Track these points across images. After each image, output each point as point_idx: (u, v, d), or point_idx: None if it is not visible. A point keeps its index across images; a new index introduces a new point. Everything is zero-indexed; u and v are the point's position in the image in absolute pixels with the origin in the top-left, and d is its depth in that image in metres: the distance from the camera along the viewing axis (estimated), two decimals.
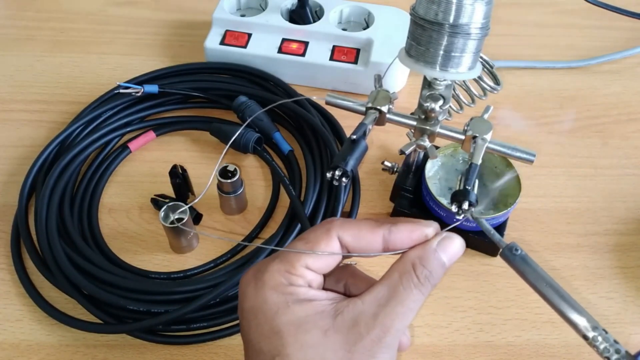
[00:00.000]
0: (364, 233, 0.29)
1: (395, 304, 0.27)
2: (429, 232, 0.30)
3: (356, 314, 0.27)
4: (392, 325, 0.27)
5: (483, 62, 0.47)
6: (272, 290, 0.28)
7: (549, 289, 0.30)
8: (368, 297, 0.28)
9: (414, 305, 0.28)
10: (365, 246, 0.29)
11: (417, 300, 0.28)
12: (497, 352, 0.43)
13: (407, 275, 0.28)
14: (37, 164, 0.51)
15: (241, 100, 0.55)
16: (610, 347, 0.28)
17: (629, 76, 0.65)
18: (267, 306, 0.27)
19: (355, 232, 0.29)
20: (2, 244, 0.48)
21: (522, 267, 0.31)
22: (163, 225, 0.44)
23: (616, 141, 0.58)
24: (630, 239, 0.50)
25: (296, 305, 0.27)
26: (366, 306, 0.27)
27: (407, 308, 0.27)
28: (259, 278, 0.28)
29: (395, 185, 0.50)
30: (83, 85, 0.61)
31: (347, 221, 0.30)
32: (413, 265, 0.28)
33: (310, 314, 0.27)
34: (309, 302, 0.27)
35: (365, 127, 0.38)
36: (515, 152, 0.39)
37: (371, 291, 0.28)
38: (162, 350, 0.42)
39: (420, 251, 0.29)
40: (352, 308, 0.27)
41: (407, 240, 0.29)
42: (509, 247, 0.31)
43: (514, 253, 0.31)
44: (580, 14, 0.72)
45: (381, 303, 0.27)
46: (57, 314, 0.43)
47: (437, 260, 0.29)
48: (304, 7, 0.62)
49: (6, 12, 0.70)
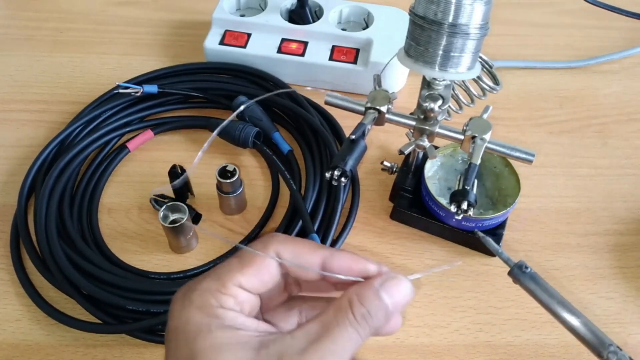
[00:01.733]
0: (304, 251, 0.28)
1: (327, 340, 0.25)
2: (371, 269, 0.28)
3: (283, 348, 0.25)
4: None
5: (482, 62, 0.47)
6: (197, 311, 0.26)
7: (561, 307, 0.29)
8: (298, 332, 0.26)
9: (348, 346, 0.25)
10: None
11: (352, 339, 0.26)
12: (497, 352, 0.43)
13: (342, 313, 0.26)
14: (37, 164, 0.51)
15: (241, 100, 0.55)
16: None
17: (628, 76, 0.65)
18: (189, 327, 0.26)
19: (296, 248, 0.28)
20: (2, 244, 0.48)
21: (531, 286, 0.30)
22: (162, 225, 0.44)
23: (616, 141, 0.58)
24: (630, 239, 0.50)
25: (219, 331, 0.25)
26: (295, 341, 0.25)
27: (340, 347, 0.25)
28: (187, 297, 0.27)
29: (395, 185, 0.50)
30: (83, 85, 0.61)
31: (288, 238, 0.29)
32: (350, 302, 0.26)
33: (231, 343, 0.25)
34: (235, 330, 0.26)
35: (364, 127, 0.38)
36: (515, 152, 0.39)
37: (303, 326, 0.26)
38: (161, 350, 0.42)
39: (360, 289, 0.27)
40: (280, 342, 0.25)
41: (346, 269, 0.28)
42: (518, 265, 0.30)
43: (524, 271, 0.30)
44: (580, 14, 0.72)
45: (311, 339, 0.25)
46: (56, 314, 0.43)
47: (378, 301, 0.27)
48: (304, 7, 0.62)
49: (6, 12, 0.70)
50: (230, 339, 0.25)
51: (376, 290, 0.27)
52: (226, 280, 0.27)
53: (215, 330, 0.25)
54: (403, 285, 0.27)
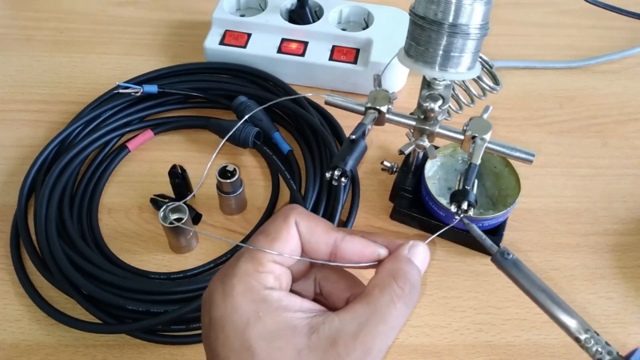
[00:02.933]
0: (319, 230, 0.28)
1: (377, 321, 0.25)
2: (381, 253, 0.29)
3: (333, 332, 0.25)
4: (373, 345, 0.25)
5: (482, 62, 0.47)
6: (242, 297, 0.26)
7: (541, 293, 0.30)
8: (347, 315, 0.26)
9: (397, 322, 0.26)
10: (315, 243, 0.28)
11: (400, 315, 0.26)
12: (497, 352, 0.43)
13: (388, 289, 0.26)
14: (37, 164, 0.51)
15: (241, 100, 0.55)
16: (602, 349, 0.28)
17: (629, 76, 0.65)
18: (236, 316, 0.25)
19: (312, 225, 0.28)
20: (2, 244, 0.48)
21: (513, 271, 0.30)
22: (162, 225, 0.44)
23: (616, 141, 0.58)
24: (630, 239, 0.50)
25: (267, 317, 0.25)
26: (345, 324, 0.25)
27: (389, 326, 0.26)
28: (227, 283, 0.26)
29: (395, 185, 0.50)
30: (83, 85, 0.61)
31: (305, 212, 0.29)
32: (394, 278, 0.27)
33: (282, 328, 0.25)
34: (282, 312, 0.26)
35: (364, 127, 0.38)
36: (515, 152, 0.39)
37: (349, 309, 0.26)
38: (161, 350, 0.42)
39: (395, 263, 0.28)
40: (329, 326, 0.25)
41: (358, 253, 0.28)
42: (501, 251, 0.31)
43: (506, 257, 0.31)
44: (580, 14, 0.72)
45: (362, 321, 0.25)
46: (56, 314, 0.43)
47: (414, 269, 0.28)
48: (304, 7, 0.62)
49: (6, 12, 0.70)
50: (280, 323, 0.25)
51: (410, 260, 0.28)
52: (261, 258, 0.27)
53: (264, 316, 0.25)
54: (421, 247, 0.29)
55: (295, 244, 0.28)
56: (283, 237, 0.28)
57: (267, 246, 0.27)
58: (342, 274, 0.31)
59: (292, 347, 0.25)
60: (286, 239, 0.28)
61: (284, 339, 0.25)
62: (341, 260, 0.29)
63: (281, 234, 0.28)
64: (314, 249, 0.29)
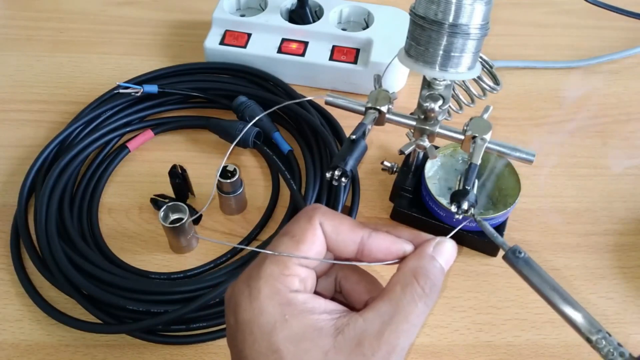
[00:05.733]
0: (344, 228, 0.28)
1: (400, 320, 0.26)
2: (407, 249, 0.29)
3: (358, 332, 0.25)
4: (397, 343, 0.25)
5: (482, 62, 0.47)
6: (269, 300, 0.26)
7: (553, 292, 0.30)
8: (370, 314, 0.26)
9: (418, 320, 0.26)
10: (342, 242, 0.28)
11: (421, 313, 0.26)
12: (497, 352, 0.43)
13: (410, 288, 0.27)
14: (37, 164, 0.51)
15: (241, 100, 0.55)
16: (614, 350, 0.28)
17: (629, 76, 0.65)
18: (263, 319, 0.26)
19: (337, 224, 0.28)
20: (2, 244, 0.48)
21: (525, 270, 0.30)
22: (163, 226, 0.44)
23: (616, 141, 0.58)
24: (630, 239, 0.50)
25: (294, 320, 0.26)
26: (368, 324, 0.26)
27: (411, 324, 0.26)
28: (254, 286, 0.26)
29: (395, 185, 0.50)
30: (83, 85, 0.61)
31: (330, 211, 0.29)
32: (415, 276, 0.27)
33: (308, 331, 0.25)
34: (308, 314, 0.26)
35: (364, 127, 0.38)
36: (515, 152, 0.39)
37: (372, 307, 0.26)
38: (162, 350, 0.42)
39: (418, 260, 0.28)
40: (354, 326, 0.26)
41: (384, 251, 0.28)
42: (512, 249, 0.31)
43: (517, 256, 0.31)
44: (580, 14, 0.72)
45: (385, 320, 0.26)
46: (56, 314, 0.43)
47: (437, 268, 0.28)
48: (304, 7, 0.62)
49: (6, 12, 0.70)
50: (306, 326, 0.25)
51: (432, 257, 0.28)
52: (287, 261, 0.27)
53: (290, 319, 0.25)
54: (448, 245, 0.29)
55: (320, 244, 0.28)
56: (309, 239, 0.28)
57: (293, 248, 0.27)
58: (362, 275, 0.31)
59: (318, 348, 0.25)
60: (312, 240, 0.28)
61: (311, 341, 0.25)
62: (367, 258, 0.29)
63: (306, 236, 0.28)
64: (340, 248, 0.29)
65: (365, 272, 0.31)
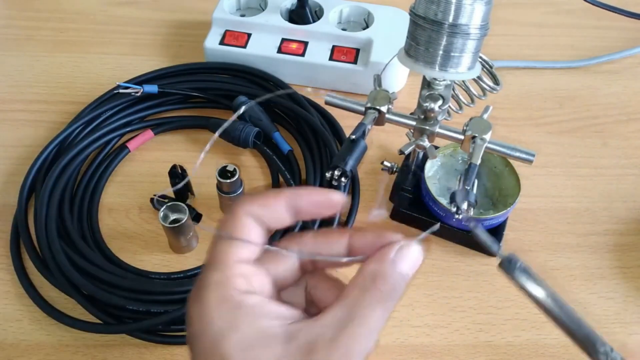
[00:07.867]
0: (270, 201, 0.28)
1: (357, 324, 0.24)
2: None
3: (312, 338, 0.24)
4: (353, 349, 0.24)
5: (482, 62, 0.47)
6: (217, 309, 0.25)
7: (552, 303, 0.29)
8: (325, 319, 0.25)
9: (376, 325, 0.25)
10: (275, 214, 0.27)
11: (380, 317, 0.25)
12: (497, 352, 0.43)
13: (367, 292, 0.25)
14: (37, 164, 0.51)
15: (241, 100, 0.55)
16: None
17: (629, 76, 0.65)
18: (212, 329, 0.25)
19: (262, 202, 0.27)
20: (2, 244, 0.48)
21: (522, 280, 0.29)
22: (162, 225, 0.44)
23: (616, 141, 0.58)
24: (630, 239, 0.50)
25: (244, 325, 0.25)
26: (324, 329, 0.24)
27: (369, 329, 0.25)
28: (203, 296, 0.26)
29: (395, 185, 0.50)
30: (83, 85, 0.61)
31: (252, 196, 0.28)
32: (373, 280, 0.26)
33: (259, 337, 0.24)
34: (259, 319, 0.25)
35: (364, 127, 0.38)
36: (515, 152, 0.39)
37: (328, 312, 0.25)
38: (161, 350, 0.42)
39: (378, 264, 0.26)
40: (308, 332, 0.24)
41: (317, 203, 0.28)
42: (508, 258, 0.30)
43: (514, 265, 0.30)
44: (580, 14, 0.72)
45: (340, 324, 0.24)
46: (56, 314, 0.43)
47: (399, 274, 0.26)
48: (304, 7, 0.62)
49: (6, 12, 0.70)
50: (257, 332, 0.24)
51: (394, 262, 0.26)
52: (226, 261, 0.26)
53: (240, 324, 0.25)
54: (414, 251, 0.27)
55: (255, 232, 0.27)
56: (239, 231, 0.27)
57: (227, 246, 0.27)
58: (333, 282, 0.30)
59: (269, 355, 0.24)
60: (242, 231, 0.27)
61: (261, 348, 0.24)
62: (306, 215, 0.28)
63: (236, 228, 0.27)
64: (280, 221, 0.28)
65: (336, 279, 0.30)
